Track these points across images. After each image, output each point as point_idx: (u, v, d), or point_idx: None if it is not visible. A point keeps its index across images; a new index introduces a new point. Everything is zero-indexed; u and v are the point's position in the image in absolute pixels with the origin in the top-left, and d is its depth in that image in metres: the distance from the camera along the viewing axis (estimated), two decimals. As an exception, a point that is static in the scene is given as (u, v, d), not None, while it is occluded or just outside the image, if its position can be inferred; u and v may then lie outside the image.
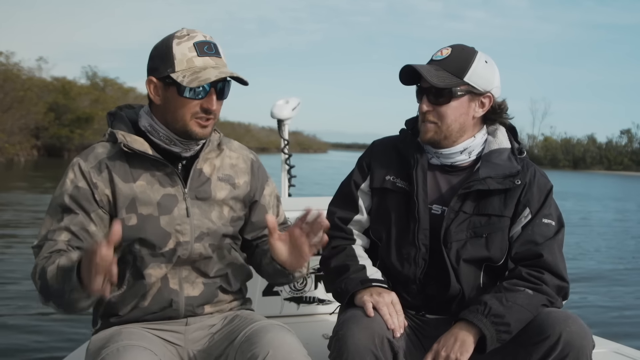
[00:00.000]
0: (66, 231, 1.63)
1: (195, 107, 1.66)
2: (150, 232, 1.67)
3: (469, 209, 1.84)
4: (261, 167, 1.93)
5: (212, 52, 1.66)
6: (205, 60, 1.64)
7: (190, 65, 1.63)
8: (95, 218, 1.67)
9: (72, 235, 1.63)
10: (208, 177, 1.78)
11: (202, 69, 1.62)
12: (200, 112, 1.66)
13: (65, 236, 1.63)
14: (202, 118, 1.67)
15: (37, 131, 42.41)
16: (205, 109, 1.66)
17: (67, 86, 47.08)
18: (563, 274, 1.79)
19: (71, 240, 1.63)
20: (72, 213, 1.65)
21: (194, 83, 1.59)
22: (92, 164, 1.69)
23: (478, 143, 1.90)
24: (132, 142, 1.68)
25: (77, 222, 1.64)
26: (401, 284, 1.88)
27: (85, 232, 1.65)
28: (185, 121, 1.66)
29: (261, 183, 1.90)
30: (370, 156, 2.01)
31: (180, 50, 1.64)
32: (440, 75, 1.81)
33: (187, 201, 1.72)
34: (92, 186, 1.67)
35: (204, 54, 1.64)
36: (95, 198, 1.67)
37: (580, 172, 78.36)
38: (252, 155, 1.92)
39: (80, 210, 1.65)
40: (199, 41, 1.65)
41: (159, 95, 1.68)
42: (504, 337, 1.69)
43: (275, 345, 1.54)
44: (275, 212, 1.93)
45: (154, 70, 1.68)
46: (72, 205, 1.65)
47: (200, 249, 1.73)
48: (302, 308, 2.76)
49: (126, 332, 1.65)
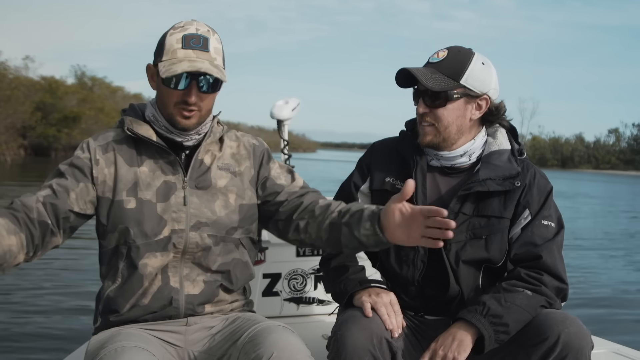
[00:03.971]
0: (48, 188, 1.68)
1: (176, 97, 1.70)
2: (146, 217, 1.70)
3: (468, 211, 1.84)
4: (265, 150, 1.90)
5: (199, 46, 1.68)
6: (186, 53, 1.67)
7: (173, 56, 1.67)
8: (81, 188, 1.70)
9: (51, 192, 1.67)
10: (208, 166, 1.80)
11: (180, 61, 1.65)
12: (181, 103, 1.70)
13: (45, 192, 1.67)
14: (183, 109, 1.71)
15: (24, 130, 42.08)
16: (184, 100, 1.70)
17: (54, 85, 46.72)
18: (562, 275, 1.80)
19: (47, 196, 1.66)
20: (63, 177, 1.71)
21: (165, 73, 1.65)
22: (100, 143, 1.76)
23: (478, 145, 1.91)
24: (138, 127, 1.74)
25: (63, 184, 1.69)
26: (400, 285, 1.89)
27: (65, 193, 1.68)
28: (170, 110, 1.72)
29: (264, 163, 1.88)
30: (370, 158, 2.01)
31: (169, 41, 1.69)
32: (436, 78, 1.81)
33: (186, 190, 1.75)
34: (92, 161, 1.73)
35: (188, 47, 1.67)
36: (92, 172, 1.72)
37: (569, 171, 78.90)
38: (255, 141, 1.92)
39: (72, 176, 1.71)
40: (189, 34, 1.69)
41: (154, 81, 1.76)
42: (502, 337, 1.69)
43: (280, 346, 1.54)
44: (287, 180, 1.87)
45: (154, 57, 1.74)
46: (66, 170, 1.72)
47: (196, 238, 1.73)
48: (302, 308, 2.77)
49: (125, 333, 1.66)
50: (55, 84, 47.30)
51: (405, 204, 1.49)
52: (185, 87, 1.68)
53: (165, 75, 1.64)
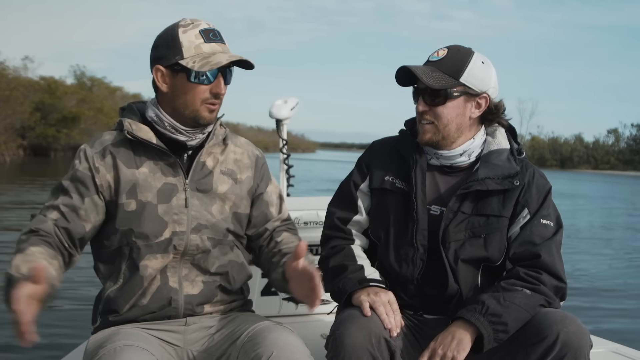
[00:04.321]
0: (56, 210, 1.69)
1: (205, 93, 1.70)
2: (147, 219, 1.70)
3: (467, 209, 1.84)
4: (265, 165, 1.95)
5: (218, 39, 1.72)
6: (212, 46, 1.69)
7: (199, 51, 1.68)
8: (88, 203, 1.71)
9: (60, 215, 1.69)
10: (210, 170, 1.80)
11: (211, 54, 1.67)
12: (210, 97, 1.71)
13: (54, 215, 1.69)
14: (211, 103, 1.72)
15: (23, 131, 42.06)
16: (215, 93, 1.71)
17: (54, 85, 46.69)
18: (561, 274, 1.80)
19: (59, 220, 1.68)
20: (68, 195, 1.71)
21: (205, 67, 1.65)
22: (96, 150, 1.75)
23: (477, 144, 1.91)
24: (138, 130, 1.73)
25: (69, 203, 1.70)
26: (399, 284, 1.88)
27: (74, 214, 1.70)
28: (196, 106, 1.71)
29: (264, 179, 1.92)
30: (369, 157, 2.01)
31: (187, 38, 1.68)
32: (435, 76, 1.81)
33: (187, 192, 1.75)
34: (93, 171, 1.72)
35: (210, 40, 1.70)
36: (95, 182, 1.71)
37: (568, 172, 78.96)
38: (258, 152, 1.94)
39: (76, 193, 1.71)
40: (205, 29, 1.70)
41: (166, 83, 1.72)
42: (501, 336, 1.69)
43: (279, 345, 1.55)
44: (277, 210, 1.94)
45: (160, 58, 1.71)
46: (69, 187, 1.71)
47: (196, 240, 1.74)
48: (301, 308, 2.76)
49: (124, 332, 1.66)
50: (55, 84, 47.29)
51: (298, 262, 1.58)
52: (214, 81, 1.70)
53: (207, 69, 1.64)
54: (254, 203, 1.89)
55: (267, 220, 1.91)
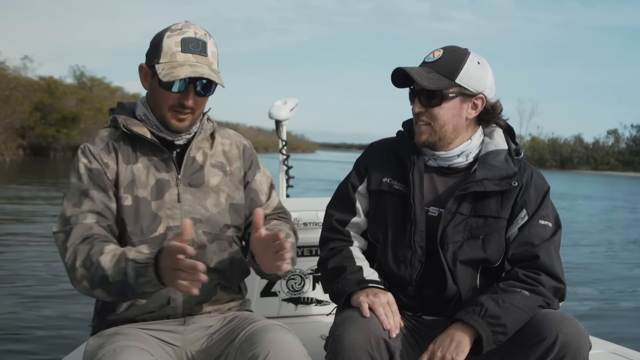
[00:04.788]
0: (91, 213, 1.67)
1: (172, 100, 1.71)
2: (142, 214, 1.71)
3: (465, 211, 1.84)
4: (253, 154, 1.96)
5: (198, 50, 1.69)
6: (186, 57, 1.68)
7: (172, 59, 1.67)
8: (112, 197, 1.72)
9: (99, 216, 1.67)
10: (201, 164, 1.81)
11: (180, 65, 1.66)
12: (177, 106, 1.71)
13: (92, 217, 1.67)
14: (178, 112, 1.72)
15: (22, 131, 42.05)
16: (181, 103, 1.71)
17: (53, 85, 46.67)
18: (560, 275, 1.80)
19: (100, 220, 1.67)
20: (92, 194, 1.69)
21: (166, 77, 1.65)
22: (100, 146, 1.75)
23: (475, 145, 1.91)
24: (132, 125, 1.74)
25: (99, 202, 1.69)
26: (398, 286, 1.88)
27: (109, 211, 1.70)
28: (164, 112, 1.73)
29: (252, 168, 1.93)
30: (367, 158, 2.01)
31: (167, 43, 1.69)
32: (431, 77, 1.81)
33: (180, 187, 1.76)
34: (104, 166, 1.73)
35: (187, 51, 1.68)
36: (108, 177, 1.72)
37: (567, 172, 78.96)
38: (246, 142, 1.95)
39: (99, 190, 1.70)
40: (188, 37, 1.69)
41: (147, 81, 1.76)
42: (500, 338, 1.69)
43: (276, 344, 1.55)
44: (265, 198, 1.94)
45: (147, 57, 1.74)
46: (90, 187, 1.70)
47: (191, 235, 1.73)
48: (300, 309, 2.76)
49: (123, 333, 1.66)
50: (54, 84, 47.28)
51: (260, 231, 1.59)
52: (183, 90, 1.69)
53: (167, 79, 1.64)
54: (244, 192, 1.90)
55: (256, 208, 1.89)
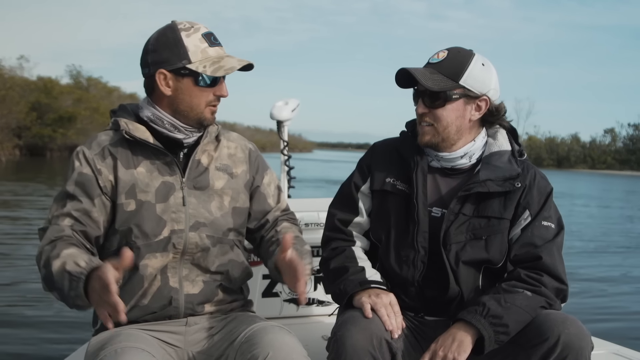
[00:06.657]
0: (69, 217, 1.68)
1: (209, 95, 1.74)
2: (146, 218, 1.71)
3: (468, 211, 1.84)
4: (260, 156, 1.97)
5: (218, 42, 1.75)
6: (217, 50, 1.73)
7: (205, 55, 1.70)
8: (98, 204, 1.71)
9: (74, 221, 1.68)
10: (206, 167, 1.81)
11: (220, 58, 1.71)
12: (214, 100, 1.75)
13: (68, 221, 1.68)
14: (214, 105, 1.76)
15: (19, 131, 41.95)
16: (219, 96, 1.76)
17: (49, 85, 46.57)
18: (562, 276, 1.80)
19: (74, 225, 1.68)
20: (76, 199, 1.70)
21: (219, 72, 1.69)
22: (95, 151, 1.74)
23: (478, 146, 1.91)
24: (134, 130, 1.74)
25: (80, 208, 1.69)
26: (400, 286, 1.88)
27: (87, 217, 1.70)
28: (201, 109, 1.74)
29: (260, 171, 1.93)
30: (370, 158, 2.01)
31: (192, 42, 1.70)
32: (435, 79, 1.81)
33: (184, 190, 1.76)
34: (96, 172, 1.72)
35: (213, 44, 1.73)
36: (99, 184, 1.72)
37: (564, 171, 79.09)
38: (251, 145, 1.96)
39: (84, 196, 1.70)
40: (206, 32, 1.73)
41: (169, 86, 1.73)
42: (502, 338, 1.69)
43: (276, 346, 1.55)
44: (275, 201, 1.96)
45: (163, 62, 1.71)
46: (76, 191, 1.70)
47: (195, 238, 1.75)
48: (302, 309, 2.76)
49: (125, 334, 1.66)
50: (50, 83, 47.16)
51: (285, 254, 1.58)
52: (218, 84, 1.74)
53: (219, 74, 1.68)
54: (252, 196, 1.91)
55: (267, 211, 1.93)
